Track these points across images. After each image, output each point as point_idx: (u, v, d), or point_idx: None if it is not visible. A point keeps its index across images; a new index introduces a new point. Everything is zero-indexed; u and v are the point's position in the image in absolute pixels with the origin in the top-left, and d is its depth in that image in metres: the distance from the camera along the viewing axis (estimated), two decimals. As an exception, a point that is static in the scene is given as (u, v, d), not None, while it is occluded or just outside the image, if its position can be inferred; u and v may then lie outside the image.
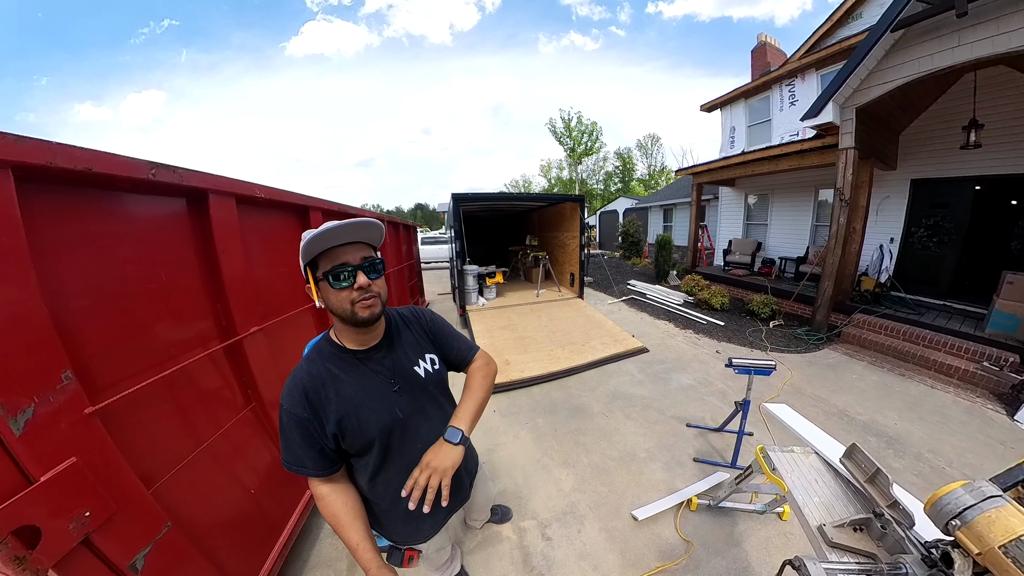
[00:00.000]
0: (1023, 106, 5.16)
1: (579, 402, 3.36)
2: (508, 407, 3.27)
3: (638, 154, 39.82)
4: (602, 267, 11.32)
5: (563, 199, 7.63)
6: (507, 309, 6.27)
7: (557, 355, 4.26)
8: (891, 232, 6.91)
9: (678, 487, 2.32)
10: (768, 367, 2.43)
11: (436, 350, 1.12)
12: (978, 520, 0.65)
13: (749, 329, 5.85)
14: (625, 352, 4.49)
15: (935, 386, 3.98)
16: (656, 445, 2.76)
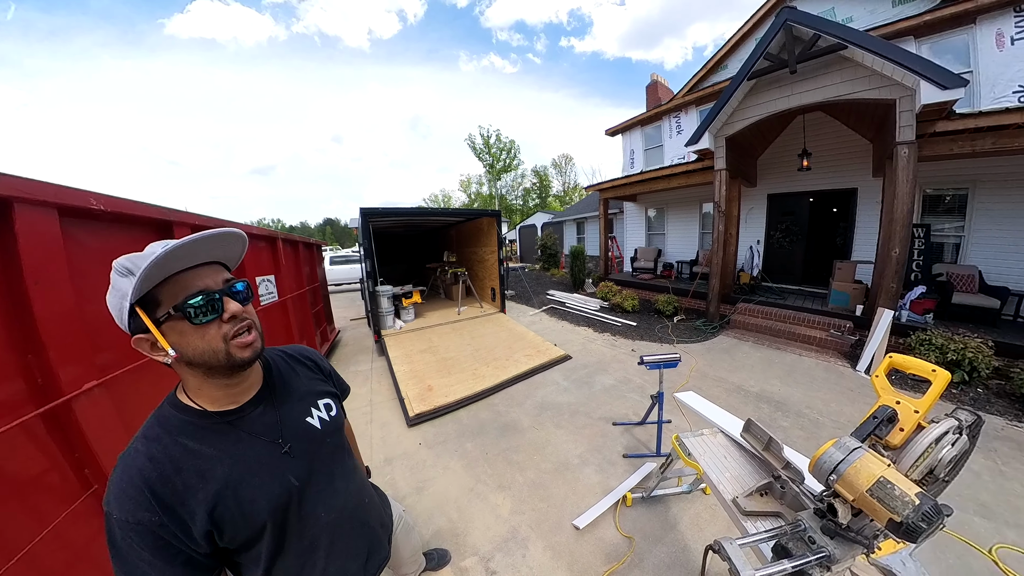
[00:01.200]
0: (835, 141, 7.14)
1: (508, 419, 3.36)
2: (434, 437, 3.11)
3: (553, 172, 43.26)
4: (522, 280, 11.72)
5: (480, 214, 7.75)
6: (427, 330, 6.06)
7: (482, 373, 4.23)
8: (757, 235, 8.72)
9: (612, 486, 2.46)
10: (674, 360, 2.77)
11: (331, 393, 0.98)
12: (848, 472, 0.79)
13: (658, 326, 6.61)
14: (549, 362, 4.66)
15: (802, 354, 5.17)
16: (587, 449, 2.89)
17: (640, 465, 2.65)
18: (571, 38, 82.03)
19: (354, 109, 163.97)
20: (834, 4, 7.50)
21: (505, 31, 77.57)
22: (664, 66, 66.82)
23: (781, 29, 5.21)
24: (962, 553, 1.97)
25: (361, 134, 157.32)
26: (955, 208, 6.27)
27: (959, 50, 6.10)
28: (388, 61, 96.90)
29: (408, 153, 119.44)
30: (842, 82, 5.00)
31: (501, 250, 7.30)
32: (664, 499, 2.33)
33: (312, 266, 5.87)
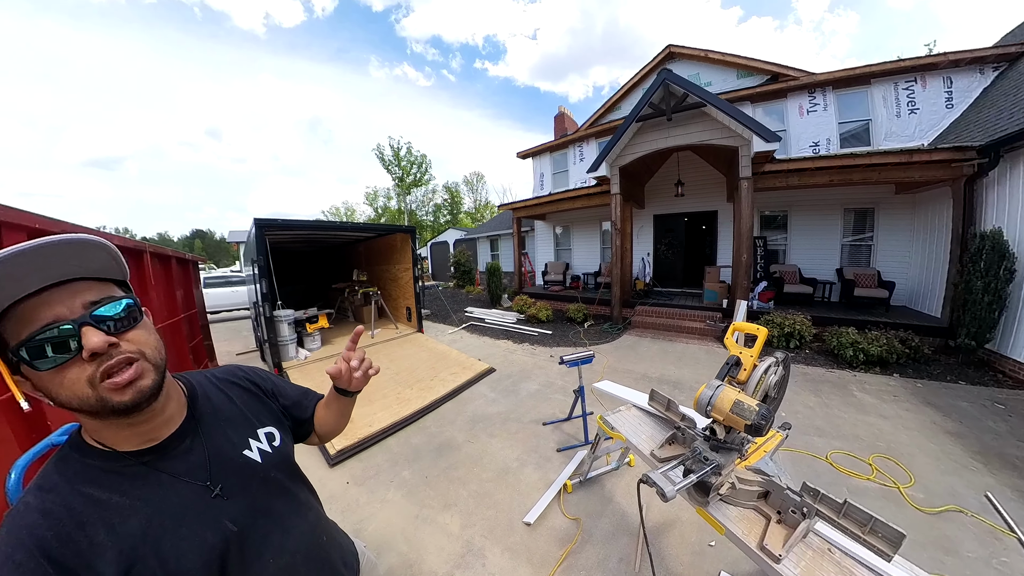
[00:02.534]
0: (701, 174, 9.07)
1: (442, 438, 3.39)
2: (363, 472, 2.95)
3: (465, 189, 43.81)
4: (438, 298, 11.70)
5: (393, 230, 7.62)
6: (335, 357, 5.68)
7: (406, 397, 4.14)
8: (647, 249, 10.49)
9: (552, 479, 2.71)
10: (589, 356, 3.25)
11: (276, 418, 0.87)
12: (716, 401, 1.15)
13: (571, 332, 7.31)
14: (475, 376, 4.81)
15: (688, 342, 6.49)
16: (523, 451, 3.11)
17: (573, 455, 2.96)
18: (485, 61, 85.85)
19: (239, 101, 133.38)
20: (699, 71, 9.97)
21: (421, 44, 77.41)
22: (569, 99, 74.80)
23: (661, 85, 6.66)
24: (810, 463, 2.92)
25: (247, 131, 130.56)
26: (781, 224, 8.69)
27: (778, 113, 8.74)
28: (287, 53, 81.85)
29: (305, 159, 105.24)
30: (703, 131, 6.62)
31: (416, 267, 7.26)
32: (599, 479, 2.67)
33: (187, 288, 5.05)
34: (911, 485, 2.59)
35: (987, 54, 6.98)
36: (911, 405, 3.89)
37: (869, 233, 7.80)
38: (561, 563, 2.04)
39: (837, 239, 8.05)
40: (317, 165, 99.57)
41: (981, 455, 2.96)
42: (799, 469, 2.83)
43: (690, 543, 2.11)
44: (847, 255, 8.04)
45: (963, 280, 4.99)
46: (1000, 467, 2.79)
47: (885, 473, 2.72)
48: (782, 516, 1.13)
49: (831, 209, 8.01)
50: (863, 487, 2.61)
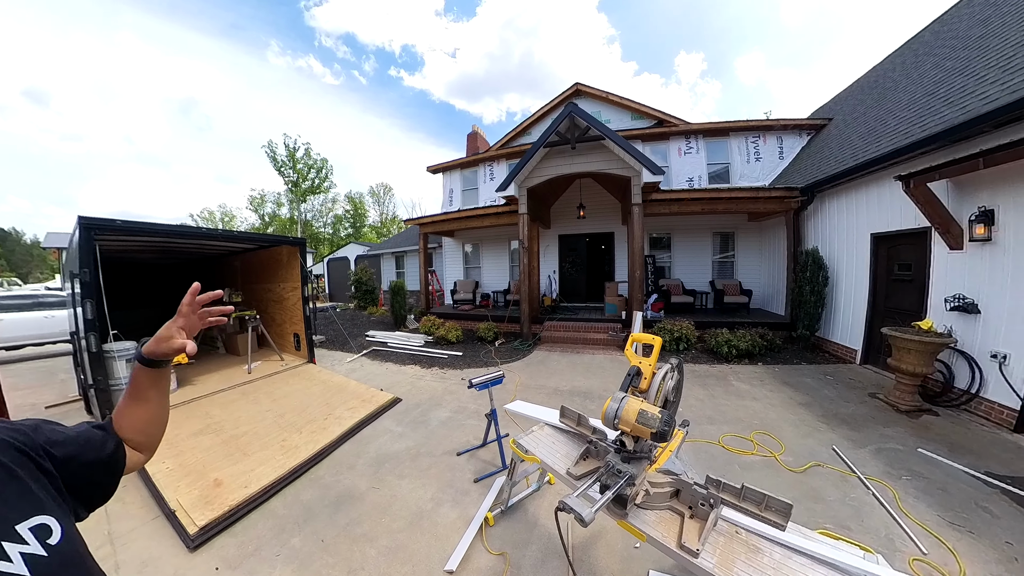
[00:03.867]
0: (600, 198, 10.16)
1: (341, 489, 2.97)
2: (239, 550, 2.37)
3: (371, 200, 41.14)
4: (334, 321, 10.68)
5: (278, 241, 6.74)
6: (202, 401, 4.72)
7: (294, 443, 3.58)
8: (553, 267, 11.22)
9: (472, 515, 2.56)
10: (499, 377, 3.23)
11: (49, 496, 0.60)
12: (622, 413, 1.22)
13: (482, 352, 7.29)
14: (378, 409, 4.42)
15: (594, 353, 7.01)
16: (438, 488, 2.90)
17: (492, 483, 2.87)
18: (401, 70, 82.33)
19: (82, 59, 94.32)
20: (600, 109, 11.55)
21: (332, 38, 70.62)
22: (483, 120, 76.57)
23: (568, 116, 7.43)
24: (707, 449, 3.38)
25: (88, 100, 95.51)
26: (666, 245, 10.27)
27: (662, 152, 10.50)
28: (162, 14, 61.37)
29: (172, 147, 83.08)
30: (602, 161, 7.52)
31: (307, 286, 6.53)
32: (521, 504, 2.62)
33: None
34: (783, 452, 3.30)
35: (803, 123, 9.88)
36: (773, 386, 5.01)
37: (731, 252, 9.87)
38: (487, 607, 1.93)
39: (709, 257, 9.99)
40: (188, 157, 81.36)
41: (824, 418, 4.00)
42: (699, 457, 3.22)
43: (617, 550, 2.20)
44: (717, 270, 10.00)
45: (796, 286, 6.81)
46: (837, 424, 3.84)
47: (764, 446, 3.40)
48: (694, 511, 1.25)
49: (703, 232, 9.91)
50: (750, 462, 3.17)
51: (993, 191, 3.99)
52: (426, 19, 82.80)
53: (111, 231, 4.26)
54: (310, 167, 27.92)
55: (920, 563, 2.09)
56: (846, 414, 4.07)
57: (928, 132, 4.64)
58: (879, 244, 5.65)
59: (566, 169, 7.79)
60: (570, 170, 7.79)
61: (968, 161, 3.91)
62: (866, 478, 2.86)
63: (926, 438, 3.51)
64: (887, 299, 5.56)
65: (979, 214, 4.04)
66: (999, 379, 3.79)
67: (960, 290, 4.30)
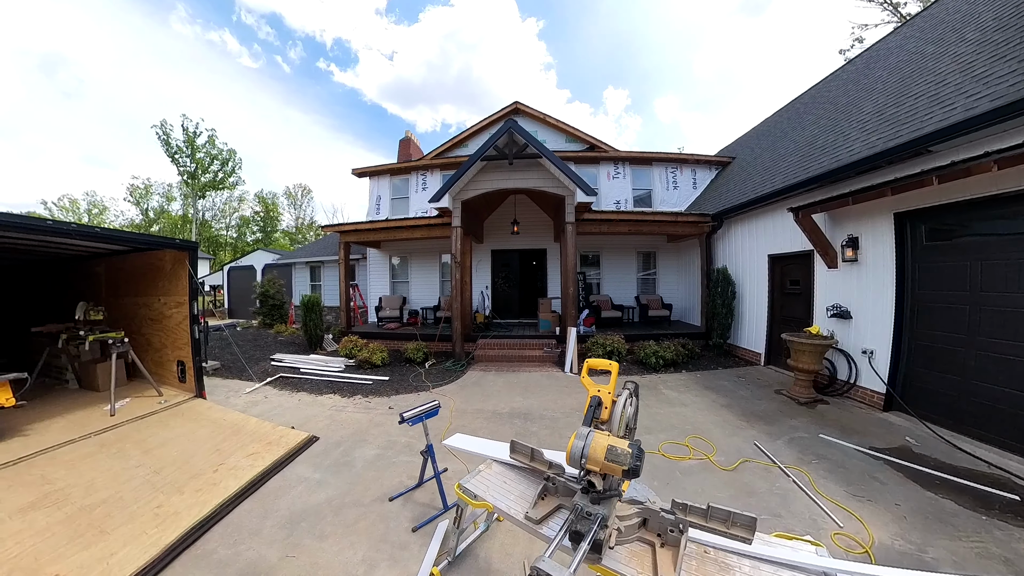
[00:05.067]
0: (534, 215, 10.50)
1: (242, 564, 2.40)
2: None
3: (285, 202, 37.40)
4: (231, 343, 9.34)
5: (160, 243, 5.64)
6: (38, 460, 3.63)
7: (173, 508, 2.89)
8: (486, 282, 11.18)
9: (414, 571, 2.25)
10: (433, 408, 2.97)
11: None
12: (589, 452, 1.16)
13: (411, 375, 6.86)
14: (288, 453, 3.80)
15: (531, 370, 7.05)
16: (370, 546, 2.50)
17: (434, 530, 2.55)
18: (332, 64, 75.94)
19: None
20: (538, 129, 12.00)
21: (254, 15, 61.94)
22: (416, 127, 74.23)
23: (506, 132, 7.59)
24: (650, 459, 3.46)
25: None
26: (595, 262, 10.92)
27: (593, 176, 11.23)
28: None
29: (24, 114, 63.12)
30: (538, 179, 7.78)
31: (197, 302, 5.57)
32: (470, 550, 2.37)
33: None
34: (715, 453, 3.62)
35: (712, 159, 11.54)
36: (698, 392, 5.54)
37: (653, 269, 10.87)
38: None
39: (634, 273, 10.88)
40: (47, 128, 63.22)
41: (743, 416, 4.54)
42: (645, 468, 3.28)
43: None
44: (641, 286, 10.90)
45: (710, 299, 7.76)
46: (755, 421, 4.39)
47: (698, 449, 3.72)
48: (664, 539, 1.23)
49: (629, 251, 10.79)
50: (688, 467, 3.42)
51: (858, 222, 5.02)
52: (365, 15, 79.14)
53: None
54: (213, 157, 24.43)
55: (840, 536, 2.45)
56: (760, 411, 4.65)
57: (810, 174, 5.71)
58: (775, 263, 6.68)
59: (503, 184, 7.89)
60: (506, 185, 7.91)
61: (840, 199, 4.88)
62: (785, 467, 3.28)
63: (823, 424, 4.21)
64: (782, 309, 6.57)
65: (848, 240, 5.06)
66: (869, 370, 4.75)
67: (837, 300, 5.31)
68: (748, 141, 11.63)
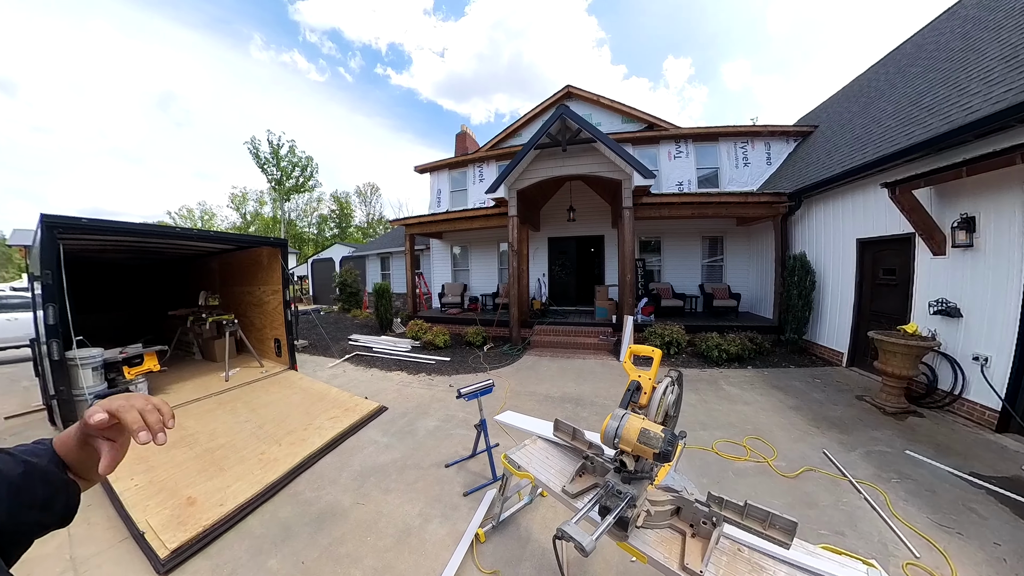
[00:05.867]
0: (591, 201, 10.18)
1: (323, 505, 2.85)
2: (212, 574, 2.25)
3: (357, 200, 40.53)
4: (317, 326, 10.44)
5: (259, 242, 6.55)
6: (176, 412, 4.53)
7: (273, 456, 3.45)
8: (543, 270, 11.19)
9: (462, 530, 2.47)
10: (488, 386, 3.16)
11: None
12: (623, 433, 1.17)
13: (471, 357, 7.19)
14: (362, 419, 4.28)
15: (585, 358, 6.98)
16: (426, 503, 2.81)
17: (483, 497, 2.78)
18: (388, 68, 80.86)
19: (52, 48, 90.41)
20: (592, 112, 11.51)
21: (316, 33, 68.78)
22: (471, 120, 76.07)
23: (559, 119, 7.45)
24: (702, 456, 3.37)
25: (59, 90, 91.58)
26: (656, 248, 10.34)
27: (652, 156, 10.51)
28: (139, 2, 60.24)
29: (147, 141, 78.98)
30: (593, 164, 7.51)
31: (288, 289, 6.35)
32: (513, 518, 2.55)
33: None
34: (775, 457, 3.30)
35: (790, 130, 10.06)
36: (763, 390, 5.05)
37: (720, 256, 9.95)
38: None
39: (698, 260, 10.06)
40: (166, 153, 77.45)
41: (814, 421, 4.05)
42: (694, 464, 3.21)
43: (613, 564, 2.16)
44: (706, 273, 10.06)
45: (785, 290, 6.92)
46: (827, 427, 3.88)
47: (756, 451, 3.40)
48: (695, 529, 1.21)
49: (693, 236, 9.98)
50: (743, 468, 3.16)
51: (975, 199, 4.11)
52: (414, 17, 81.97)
53: (77, 230, 4.07)
54: (294, 165, 27.34)
55: (913, 567, 2.12)
56: (835, 417, 4.13)
57: (913, 140, 4.76)
58: (865, 249, 5.79)
59: (557, 171, 7.77)
60: (561, 172, 7.77)
61: (952, 170, 4.04)
62: (857, 482, 2.90)
63: (913, 440, 3.58)
64: (872, 303, 5.70)
65: (961, 221, 4.15)
66: (981, 381, 3.90)
67: (943, 294, 4.42)
68: (834, 106, 10.04)
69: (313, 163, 28.36)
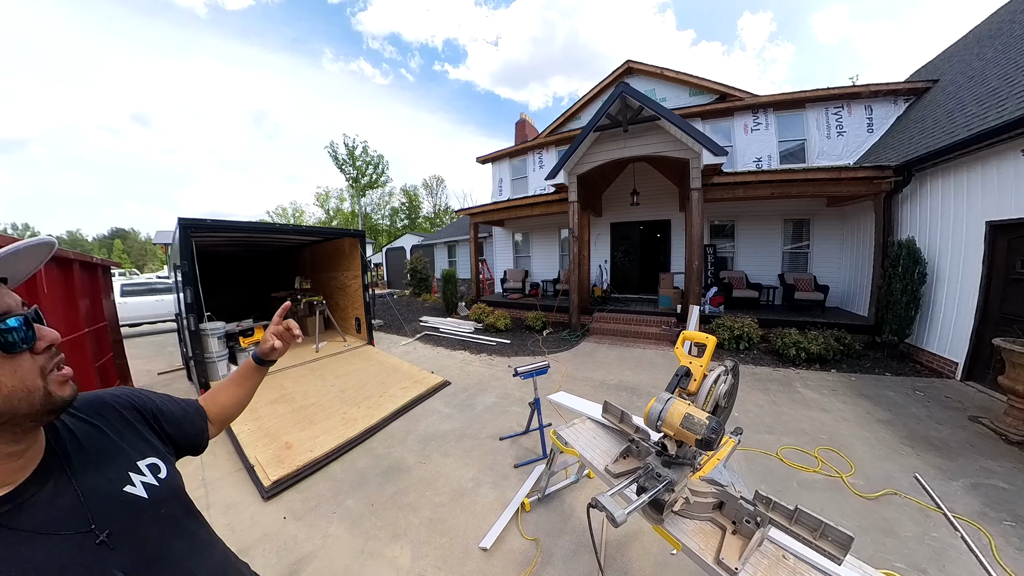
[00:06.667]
0: (655, 184, 9.51)
1: (391, 460, 3.22)
2: (303, 504, 2.71)
3: (424, 192, 42.73)
4: (391, 307, 11.30)
5: (341, 234, 7.24)
6: (277, 375, 5.27)
7: (353, 416, 3.92)
8: (604, 256, 10.83)
9: (509, 498, 2.63)
10: (544, 367, 3.22)
11: (159, 446, 0.77)
12: (666, 416, 1.14)
13: (530, 341, 7.31)
14: (428, 391, 4.64)
15: (645, 347, 6.68)
16: (479, 470, 3.01)
17: (531, 471, 2.91)
18: (445, 64, 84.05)
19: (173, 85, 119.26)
20: (655, 86, 10.61)
21: (378, 40, 73.93)
22: (529, 106, 75.66)
23: (619, 98, 6.97)
24: (763, 460, 3.06)
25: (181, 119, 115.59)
26: (729, 233, 9.35)
27: (725, 131, 9.44)
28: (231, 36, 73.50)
29: (247, 154, 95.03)
30: (657, 143, 6.98)
31: (366, 275, 6.95)
32: (558, 494, 2.63)
33: (95, 297, 4.47)
34: (852, 474, 2.85)
35: (900, 87, 8.14)
36: (847, 398, 4.33)
37: (806, 241, 8.65)
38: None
39: (778, 247, 8.86)
40: (262, 161, 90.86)
41: (908, 440, 3.36)
42: (753, 468, 2.96)
43: (652, 554, 2.12)
44: (787, 262, 8.86)
45: (885, 283, 5.75)
46: (925, 449, 3.19)
47: (829, 464, 2.98)
48: (737, 527, 1.15)
49: (773, 219, 8.80)
50: (811, 480, 2.81)
51: None
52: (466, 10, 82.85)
53: (203, 229, 4.88)
54: (368, 163, 29.46)
55: None
56: (937, 438, 3.38)
57: None
58: (997, 235, 4.63)
59: (618, 154, 7.37)
60: (623, 154, 7.35)
61: None
62: (955, 516, 2.38)
63: None
64: (1003, 303, 4.56)
65: None
66: None
67: None
68: (960, 54, 8.04)
69: (384, 160, 30.29)
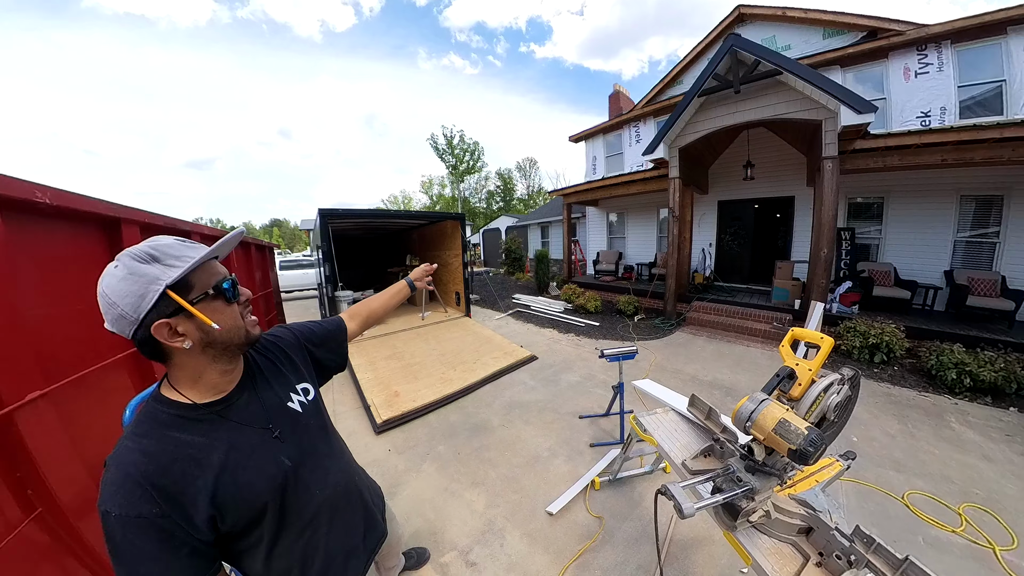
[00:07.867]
0: (775, 154, 7.97)
1: (478, 419, 3.49)
2: (404, 442, 3.16)
3: (518, 175, 43.53)
4: (487, 284, 11.85)
5: (443, 217, 7.82)
6: (390, 336, 6.03)
7: (449, 377, 4.33)
8: (709, 239, 9.54)
9: (581, 473, 2.66)
10: (631, 352, 3.06)
11: (309, 373, 1.03)
12: (758, 418, 1.00)
13: (619, 325, 7.01)
14: (516, 363, 4.84)
15: (750, 345, 5.83)
16: (556, 442, 3.08)
17: (606, 452, 2.86)
18: (531, 44, 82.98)
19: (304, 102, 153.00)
20: (775, 32, 8.49)
21: (464, 32, 76.56)
22: (622, 76, 69.97)
23: (728, 53, 5.85)
24: (881, 501, 2.43)
25: (311, 129, 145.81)
26: (875, 214, 7.27)
27: (875, 79, 7.13)
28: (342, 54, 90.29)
29: (363, 152, 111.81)
30: (779, 103, 5.69)
31: (465, 254, 7.41)
32: (630, 480, 2.57)
33: (264, 270, 5.67)
34: (1013, 548, 2.08)
35: None
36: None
37: (994, 228, 6.24)
38: (577, 558, 2.01)
39: (948, 234, 6.55)
40: (375, 157, 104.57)
41: None
42: (864, 506, 2.39)
43: (720, 565, 1.94)
44: (961, 254, 6.52)
45: None
46: None
47: (978, 528, 2.21)
48: (824, 560, 0.98)
49: (942, 196, 6.52)
50: (946, 540, 2.14)
51: None
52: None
53: (336, 216, 5.88)
54: (465, 151, 30.97)
55: None
56: None
57: None
58: None
59: (728, 120, 6.22)
60: (734, 120, 6.16)
61: None
62: None
63: None
64: None
65: None
66: None
67: None
68: None
69: (479, 147, 31.52)
